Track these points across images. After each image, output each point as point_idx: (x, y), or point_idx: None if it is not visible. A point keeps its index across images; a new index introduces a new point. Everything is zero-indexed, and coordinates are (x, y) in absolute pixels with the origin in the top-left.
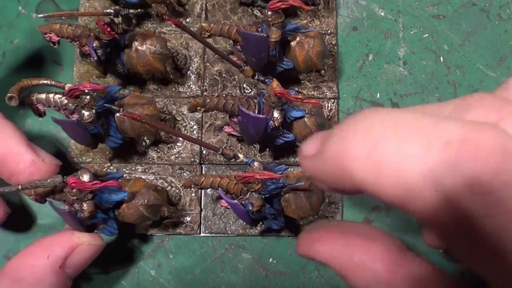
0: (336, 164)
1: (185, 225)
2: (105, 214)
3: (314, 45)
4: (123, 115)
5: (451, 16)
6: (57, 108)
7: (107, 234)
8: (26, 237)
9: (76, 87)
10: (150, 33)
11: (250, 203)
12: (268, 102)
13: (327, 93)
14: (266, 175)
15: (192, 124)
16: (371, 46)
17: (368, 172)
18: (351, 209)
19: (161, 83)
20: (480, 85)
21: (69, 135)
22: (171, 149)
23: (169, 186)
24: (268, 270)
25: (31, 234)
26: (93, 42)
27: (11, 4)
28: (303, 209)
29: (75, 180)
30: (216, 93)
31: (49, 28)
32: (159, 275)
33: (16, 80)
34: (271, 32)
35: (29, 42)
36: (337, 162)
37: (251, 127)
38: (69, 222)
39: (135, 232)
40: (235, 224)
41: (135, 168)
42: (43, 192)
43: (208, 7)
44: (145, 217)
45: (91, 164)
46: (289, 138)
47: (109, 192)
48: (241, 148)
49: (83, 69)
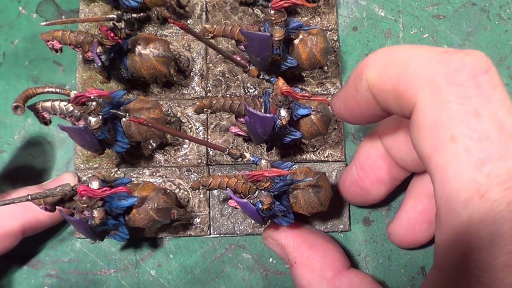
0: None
1: (195, 226)
2: (115, 220)
3: (317, 42)
4: (130, 120)
5: (451, 16)
6: (63, 115)
7: (118, 239)
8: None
9: (82, 94)
10: (152, 37)
11: (259, 201)
12: (275, 101)
13: (330, 89)
14: (274, 172)
15: (197, 126)
16: (371, 46)
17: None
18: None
19: (165, 86)
20: None
21: (76, 142)
22: (178, 151)
23: (177, 189)
24: (268, 270)
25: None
26: (97, 48)
27: (12, 4)
28: (312, 205)
29: (85, 187)
30: (220, 93)
31: (51, 35)
32: (159, 275)
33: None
34: (274, 31)
35: (29, 42)
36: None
37: (259, 126)
38: (80, 230)
39: (145, 236)
40: (243, 224)
41: (143, 172)
42: (52, 201)
43: (209, 8)
44: (155, 221)
45: (98, 170)
46: (296, 136)
47: (119, 198)
48: (248, 148)
49: (86, 75)
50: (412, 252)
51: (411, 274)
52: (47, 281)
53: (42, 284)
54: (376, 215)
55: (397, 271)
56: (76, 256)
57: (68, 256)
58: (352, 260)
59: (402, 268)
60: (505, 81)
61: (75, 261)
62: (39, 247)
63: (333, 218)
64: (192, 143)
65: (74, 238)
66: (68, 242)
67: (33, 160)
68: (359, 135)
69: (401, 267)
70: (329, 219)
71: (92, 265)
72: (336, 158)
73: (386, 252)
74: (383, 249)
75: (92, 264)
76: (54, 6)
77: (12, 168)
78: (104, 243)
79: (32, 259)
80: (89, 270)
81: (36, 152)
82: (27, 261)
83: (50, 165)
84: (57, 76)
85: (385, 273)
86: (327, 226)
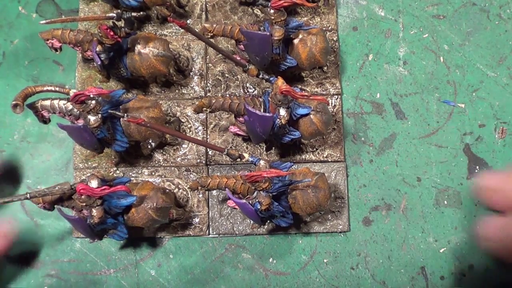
0: None
1: (194, 226)
2: (114, 219)
3: (317, 42)
4: (128, 120)
5: (451, 16)
6: (62, 114)
7: (117, 239)
8: (26, 237)
9: (82, 92)
10: (152, 36)
11: (258, 202)
12: (274, 100)
13: (330, 90)
14: (273, 173)
15: (196, 125)
16: (371, 46)
17: None
18: (355, 205)
19: (164, 85)
20: (480, 85)
21: (75, 141)
22: (177, 151)
23: (176, 188)
24: (268, 270)
25: (32, 233)
26: (96, 47)
27: (11, 4)
28: (311, 205)
29: (84, 186)
30: (220, 93)
31: (50, 34)
32: (159, 275)
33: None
34: (274, 31)
35: (29, 42)
36: None
37: (258, 126)
38: (79, 229)
39: (144, 236)
40: (242, 224)
41: (142, 171)
42: (51, 199)
43: (208, 7)
44: (154, 220)
45: (97, 169)
46: (295, 135)
47: (118, 197)
48: (247, 148)
49: (85, 74)
50: (412, 252)
51: (411, 274)
52: (47, 281)
53: (42, 284)
54: (376, 215)
55: (397, 271)
56: (76, 256)
57: (68, 256)
58: (352, 260)
59: (402, 268)
60: (505, 81)
61: (75, 261)
62: (39, 247)
63: (333, 218)
64: (191, 143)
65: (74, 238)
66: (67, 242)
67: (32, 159)
68: (359, 135)
69: (401, 267)
70: (328, 219)
71: (92, 265)
72: (335, 159)
73: (386, 252)
74: (383, 249)
75: (92, 264)
76: (54, 5)
77: (12, 167)
78: (104, 243)
79: (32, 259)
80: (89, 270)
81: (35, 151)
82: (27, 261)
83: (49, 165)
84: (57, 76)
85: (385, 273)
86: (327, 227)
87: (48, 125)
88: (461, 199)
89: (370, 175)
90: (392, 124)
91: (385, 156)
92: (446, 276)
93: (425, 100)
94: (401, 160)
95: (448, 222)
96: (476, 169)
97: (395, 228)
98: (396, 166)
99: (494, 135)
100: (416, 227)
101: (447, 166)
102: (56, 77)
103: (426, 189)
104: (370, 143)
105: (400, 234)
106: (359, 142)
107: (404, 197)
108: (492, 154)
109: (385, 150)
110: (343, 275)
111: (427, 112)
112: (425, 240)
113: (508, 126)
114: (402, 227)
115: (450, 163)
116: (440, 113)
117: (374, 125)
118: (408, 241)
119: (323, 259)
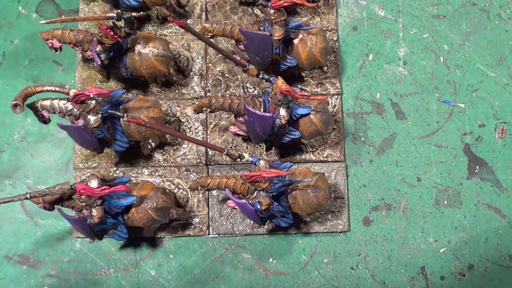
0: None
1: (194, 226)
2: (114, 219)
3: (317, 42)
4: (128, 120)
5: (451, 16)
6: (62, 114)
7: (117, 239)
8: (27, 237)
9: (82, 92)
10: (152, 36)
11: (258, 202)
12: (274, 100)
13: (330, 90)
14: (273, 173)
15: (196, 125)
16: (371, 46)
17: None
18: (355, 205)
19: (164, 85)
20: (480, 85)
21: (75, 141)
22: (177, 151)
23: (176, 188)
24: (268, 270)
25: (31, 233)
26: (96, 47)
27: (11, 4)
28: (311, 205)
29: (84, 186)
30: (220, 93)
31: (50, 34)
32: (159, 275)
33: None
34: (274, 31)
35: (29, 42)
36: None
37: (258, 126)
38: (78, 229)
39: (144, 236)
40: (243, 224)
41: (141, 171)
42: (51, 199)
43: (208, 7)
44: (154, 220)
45: (97, 169)
46: (295, 135)
47: (118, 197)
48: (247, 148)
49: (85, 74)
50: (412, 252)
51: (411, 274)
52: (47, 281)
53: (42, 284)
54: (376, 215)
55: (397, 271)
56: (76, 256)
57: (68, 256)
58: (352, 260)
59: (402, 268)
60: (505, 81)
61: (75, 261)
62: (39, 247)
63: (333, 218)
64: (191, 143)
65: (74, 238)
66: (67, 242)
67: (32, 159)
68: (359, 135)
69: (401, 267)
70: (328, 219)
71: (92, 265)
72: (335, 158)
73: (386, 252)
74: (383, 249)
75: (92, 264)
76: (54, 6)
77: (12, 167)
78: (104, 243)
79: (32, 259)
80: (89, 270)
81: (35, 151)
82: (27, 261)
83: (49, 165)
84: (57, 76)
85: (385, 273)
86: (327, 227)
87: (48, 125)
88: (461, 199)
89: (370, 175)
90: (392, 124)
91: (385, 156)
92: (446, 276)
93: (425, 100)
94: (401, 160)
95: (448, 222)
96: (476, 169)
97: (395, 228)
98: (396, 166)
99: (494, 135)
100: (416, 227)
101: (447, 166)
102: (56, 77)
103: (426, 189)
104: (370, 143)
105: (400, 234)
106: (359, 142)
107: (404, 197)
108: (492, 154)
109: (385, 150)
110: (343, 275)
111: (427, 112)
112: (425, 240)
113: (508, 126)
114: (402, 227)
115: (450, 163)
116: (440, 113)
117: (374, 125)
118: (408, 241)
119: (323, 259)
